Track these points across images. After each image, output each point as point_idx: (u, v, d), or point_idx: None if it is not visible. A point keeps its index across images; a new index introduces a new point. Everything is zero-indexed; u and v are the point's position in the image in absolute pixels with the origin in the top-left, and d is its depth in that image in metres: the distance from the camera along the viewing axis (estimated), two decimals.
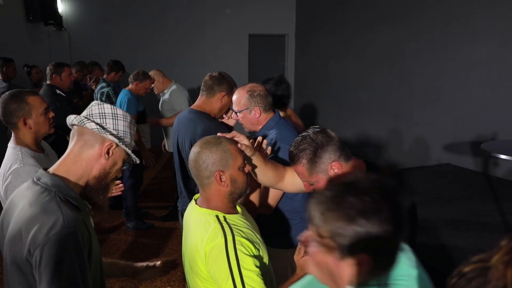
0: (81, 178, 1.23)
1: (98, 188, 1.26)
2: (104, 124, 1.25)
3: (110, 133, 1.24)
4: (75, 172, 1.23)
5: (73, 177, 1.22)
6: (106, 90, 4.46)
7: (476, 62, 5.01)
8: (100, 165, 1.24)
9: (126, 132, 1.29)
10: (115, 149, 1.25)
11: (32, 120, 1.97)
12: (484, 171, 5.00)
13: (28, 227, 1.10)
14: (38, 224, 1.09)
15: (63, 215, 1.11)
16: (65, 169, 1.23)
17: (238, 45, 8.21)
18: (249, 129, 2.12)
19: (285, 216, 2.05)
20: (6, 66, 4.89)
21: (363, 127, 6.86)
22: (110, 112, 1.27)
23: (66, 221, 1.10)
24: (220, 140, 1.44)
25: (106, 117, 1.26)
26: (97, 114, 1.26)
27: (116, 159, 1.27)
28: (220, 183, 1.41)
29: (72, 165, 1.23)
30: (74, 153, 1.24)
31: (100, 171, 1.25)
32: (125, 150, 1.28)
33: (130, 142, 1.30)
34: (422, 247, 3.25)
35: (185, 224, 1.53)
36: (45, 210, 1.12)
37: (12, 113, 1.95)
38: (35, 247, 1.07)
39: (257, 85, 2.08)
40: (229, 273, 1.29)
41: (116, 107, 1.29)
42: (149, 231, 4.32)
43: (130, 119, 1.31)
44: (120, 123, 1.27)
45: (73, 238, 1.09)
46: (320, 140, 1.46)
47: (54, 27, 6.89)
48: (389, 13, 6.23)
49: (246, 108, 2.03)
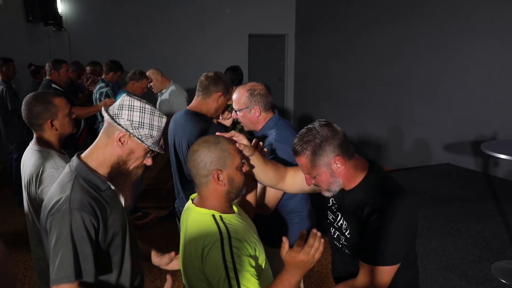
0: (103, 163, 1.37)
1: (118, 173, 1.38)
2: (119, 115, 1.35)
3: (119, 123, 1.34)
4: (97, 158, 1.38)
5: (95, 162, 1.37)
6: (105, 90, 4.45)
7: (476, 62, 5.00)
8: (117, 152, 1.37)
9: (142, 123, 1.35)
10: (129, 138, 1.35)
11: (58, 121, 1.97)
12: (484, 171, 4.99)
13: (49, 201, 1.32)
14: (53, 200, 1.30)
15: (70, 195, 1.28)
16: (90, 154, 1.39)
17: (238, 45, 8.21)
18: (249, 128, 2.12)
19: (284, 216, 2.05)
20: (6, 66, 4.88)
21: (363, 127, 6.85)
22: (127, 104, 1.36)
23: (70, 200, 1.26)
24: (219, 140, 1.44)
25: (123, 108, 1.36)
26: (118, 105, 1.37)
27: (133, 148, 1.37)
28: (218, 182, 1.41)
29: (96, 151, 1.39)
30: (100, 140, 1.39)
31: (118, 157, 1.37)
32: (137, 139, 1.35)
33: (149, 133, 1.37)
34: (422, 247, 3.25)
35: (182, 223, 1.53)
36: (62, 188, 1.32)
37: (38, 115, 1.94)
38: (46, 218, 1.30)
39: (257, 84, 2.08)
40: (224, 273, 1.28)
41: (135, 99, 1.37)
42: (149, 231, 4.32)
43: (151, 110, 1.37)
44: (135, 114, 1.35)
45: (74, 217, 1.24)
46: (326, 133, 1.45)
47: (54, 27, 6.89)
48: (389, 13, 6.22)
49: (246, 107, 2.03)
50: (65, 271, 1.23)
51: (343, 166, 1.47)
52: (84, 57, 6.15)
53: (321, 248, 1.35)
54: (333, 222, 1.68)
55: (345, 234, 1.60)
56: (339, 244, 1.67)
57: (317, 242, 1.34)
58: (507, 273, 2.88)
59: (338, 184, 1.50)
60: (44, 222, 1.32)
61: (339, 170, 1.47)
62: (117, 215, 1.38)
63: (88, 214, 1.26)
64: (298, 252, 1.33)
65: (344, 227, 1.60)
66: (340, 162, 1.46)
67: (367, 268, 1.49)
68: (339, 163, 1.46)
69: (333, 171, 1.47)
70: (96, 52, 6.64)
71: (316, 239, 1.34)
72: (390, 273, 1.48)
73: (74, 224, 1.24)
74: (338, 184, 1.50)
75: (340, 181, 1.50)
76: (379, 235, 1.44)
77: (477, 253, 3.18)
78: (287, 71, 8.77)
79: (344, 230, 1.60)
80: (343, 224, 1.61)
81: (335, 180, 1.49)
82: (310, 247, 1.33)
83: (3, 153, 5.39)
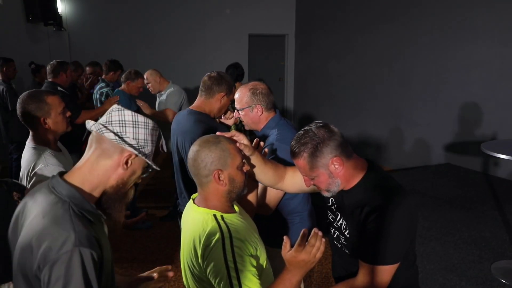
0: (96, 188, 1.20)
1: (115, 197, 1.23)
2: (123, 133, 1.19)
3: (129, 144, 1.19)
4: (91, 182, 1.19)
5: (88, 187, 1.19)
6: (105, 90, 4.45)
7: (476, 62, 5.00)
8: (118, 175, 1.21)
9: (147, 140, 1.23)
10: (134, 159, 1.21)
11: (51, 119, 2.01)
12: (484, 171, 4.99)
13: (40, 240, 1.07)
14: (49, 239, 1.07)
15: (75, 232, 1.07)
16: (80, 178, 1.19)
17: (238, 45, 8.21)
18: (250, 128, 2.13)
19: (285, 216, 2.05)
20: (6, 66, 4.88)
21: (363, 127, 6.85)
22: (130, 119, 1.21)
23: (77, 239, 1.06)
24: (219, 139, 1.44)
25: (126, 125, 1.20)
26: (117, 121, 1.20)
27: (135, 168, 1.23)
28: (219, 182, 1.42)
29: (88, 174, 1.19)
30: (91, 161, 1.20)
31: (118, 180, 1.21)
32: (145, 160, 1.23)
33: (151, 150, 1.25)
34: (422, 247, 3.25)
35: (183, 223, 1.54)
36: (58, 224, 1.09)
37: (31, 113, 1.99)
38: (44, 263, 1.05)
39: (259, 84, 2.09)
40: (226, 273, 1.29)
41: (138, 114, 1.24)
42: (149, 231, 4.32)
43: (152, 125, 1.25)
44: (140, 131, 1.21)
45: (84, 257, 1.06)
46: (322, 135, 1.46)
47: (54, 27, 6.89)
48: (389, 13, 6.22)
49: (248, 106, 2.03)
50: None
51: (341, 166, 1.47)
52: (84, 57, 6.15)
53: (322, 248, 1.35)
54: (333, 222, 1.68)
55: (344, 234, 1.61)
56: (339, 244, 1.67)
57: (318, 242, 1.34)
58: (507, 273, 2.88)
59: (337, 185, 1.51)
60: (35, 267, 1.06)
61: (337, 171, 1.48)
62: (107, 250, 1.20)
63: (95, 251, 1.08)
64: (299, 252, 1.33)
65: (343, 227, 1.61)
66: (338, 163, 1.47)
67: (366, 268, 1.50)
68: (337, 164, 1.47)
69: (331, 172, 1.48)
70: (96, 52, 6.64)
71: (317, 238, 1.34)
72: (390, 273, 1.49)
73: (87, 264, 1.05)
74: (337, 185, 1.51)
75: (339, 181, 1.50)
76: (379, 235, 1.45)
77: (477, 253, 3.18)
78: (287, 71, 8.77)
79: (344, 229, 1.60)
80: (342, 223, 1.61)
81: (333, 180, 1.50)
82: (311, 246, 1.34)
83: (3, 153, 5.39)
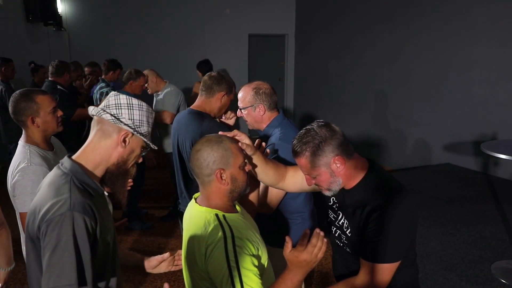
0: (99, 165, 1.32)
1: (117, 174, 1.35)
2: (119, 115, 1.32)
3: (125, 123, 1.31)
4: (93, 160, 1.32)
5: (91, 164, 1.32)
6: (105, 90, 4.45)
7: (476, 62, 5.01)
8: (118, 153, 1.33)
9: (142, 121, 1.35)
10: (132, 137, 1.33)
11: (40, 118, 2.03)
12: (484, 171, 4.99)
13: (42, 205, 1.22)
14: (49, 203, 1.20)
15: (71, 198, 1.20)
16: (84, 156, 1.32)
17: (238, 45, 8.21)
18: (253, 127, 2.13)
19: (287, 216, 2.05)
20: (5, 66, 4.88)
21: (363, 127, 6.86)
22: (125, 102, 1.33)
23: (72, 203, 1.19)
24: (221, 139, 1.45)
25: (121, 108, 1.33)
26: (113, 104, 1.33)
27: (134, 146, 1.35)
28: (221, 182, 1.42)
29: (91, 153, 1.32)
30: (94, 142, 1.33)
31: (118, 158, 1.33)
32: (141, 138, 1.35)
33: (147, 130, 1.37)
34: (422, 246, 3.25)
35: (185, 222, 1.54)
36: (58, 191, 1.23)
37: (21, 111, 2.02)
38: (42, 223, 1.18)
39: (263, 83, 2.09)
40: (227, 272, 1.29)
41: (132, 97, 1.36)
42: (149, 231, 4.32)
43: (146, 107, 1.37)
44: (135, 112, 1.34)
45: (75, 220, 1.17)
46: (324, 134, 1.46)
47: (54, 27, 6.89)
48: (389, 13, 6.23)
49: (251, 105, 2.04)
50: (67, 278, 1.14)
51: (343, 165, 1.48)
52: (84, 57, 6.15)
53: (324, 248, 1.35)
54: (334, 221, 1.69)
55: (346, 232, 1.61)
56: (340, 242, 1.67)
57: (320, 242, 1.35)
58: (507, 273, 2.88)
59: (338, 184, 1.52)
60: (36, 228, 1.21)
61: (339, 170, 1.48)
62: (108, 223, 1.33)
63: (89, 218, 1.20)
64: (301, 252, 1.33)
65: (345, 226, 1.61)
66: (340, 162, 1.47)
67: (367, 266, 1.50)
68: (338, 163, 1.47)
69: (333, 171, 1.48)
70: (96, 52, 6.64)
71: (319, 238, 1.35)
72: (391, 271, 1.49)
73: (77, 227, 1.17)
74: (338, 184, 1.52)
75: (340, 180, 1.51)
76: (380, 233, 1.45)
77: (477, 253, 3.18)
78: (287, 71, 8.77)
79: (345, 228, 1.61)
80: (344, 222, 1.62)
81: (335, 179, 1.50)
82: (313, 246, 1.34)
83: (3, 153, 5.39)
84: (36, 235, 1.21)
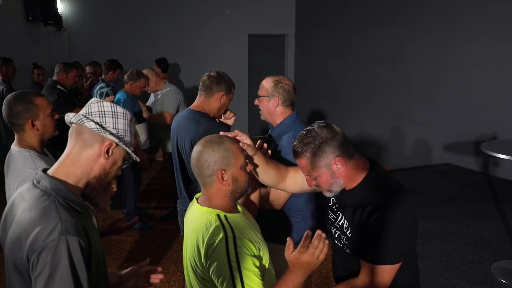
0: (81, 179, 1.21)
1: (99, 188, 1.24)
2: (103, 123, 1.22)
3: (110, 132, 1.21)
4: (75, 173, 1.20)
5: (72, 179, 1.20)
6: (105, 90, 4.45)
7: (476, 62, 5.01)
8: (100, 165, 1.22)
9: (126, 131, 1.26)
10: (115, 148, 1.23)
11: (40, 121, 1.92)
12: (484, 171, 5.00)
13: (27, 232, 1.09)
14: (36, 229, 1.08)
15: (61, 221, 1.08)
16: (64, 171, 1.20)
17: (238, 45, 8.21)
18: (266, 118, 2.13)
19: (289, 213, 2.06)
20: (6, 66, 4.88)
21: (363, 127, 6.86)
22: (109, 110, 1.24)
23: (64, 227, 1.08)
24: (222, 139, 1.44)
25: (105, 116, 1.23)
26: (96, 112, 1.23)
27: (116, 158, 1.25)
28: (222, 182, 1.42)
29: (72, 166, 1.20)
30: (73, 153, 1.21)
31: (100, 170, 1.22)
32: (125, 149, 1.25)
33: (130, 141, 1.27)
34: (422, 247, 3.25)
35: (186, 223, 1.54)
36: (44, 215, 1.10)
37: (19, 114, 1.88)
38: (32, 252, 1.06)
39: (286, 79, 2.11)
40: (228, 273, 1.29)
41: (116, 105, 1.26)
42: (149, 231, 4.32)
43: (130, 117, 1.28)
44: (120, 121, 1.24)
45: (70, 245, 1.07)
46: (325, 135, 1.46)
47: (54, 27, 6.89)
48: (389, 13, 6.23)
49: (267, 95, 2.06)
50: None
51: (344, 166, 1.47)
52: (84, 57, 6.15)
53: (326, 250, 1.35)
54: (334, 221, 1.69)
55: (346, 233, 1.61)
56: (340, 243, 1.67)
57: (322, 243, 1.34)
58: (507, 273, 2.89)
59: (339, 185, 1.51)
60: (24, 259, 1.08)
61: (340, 171, 1.48)
62: (97, 239, 1.23)
63: (83, 239, 1.09)
64: (302, 253, 1.33)
65: (345, 227, 1.61)
66: (341, 163, 1.47)
67: (368, 267, 1.50)
68: (339, 164, 1.47)
69: (334, 172, 1.48)
70: (96, 52, 6.64)
71: (320, 240, 1.34)
72: (391, 272, 1.49)
73: (74, 252, 1.06)
74: (339, 185, 1.51)
75: (341, 181, 1.51)
76: (380, 234, 1.45)
77: (477, 253, 3.18)
78: (287, 71, 8.77)
79: (345, 229, 1.61)
80: (344, 223, 1.61)
81: (336, 180, 1.50)
82: (314, 248, 1.33)
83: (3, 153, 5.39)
84: (25, 266, 1.08)
